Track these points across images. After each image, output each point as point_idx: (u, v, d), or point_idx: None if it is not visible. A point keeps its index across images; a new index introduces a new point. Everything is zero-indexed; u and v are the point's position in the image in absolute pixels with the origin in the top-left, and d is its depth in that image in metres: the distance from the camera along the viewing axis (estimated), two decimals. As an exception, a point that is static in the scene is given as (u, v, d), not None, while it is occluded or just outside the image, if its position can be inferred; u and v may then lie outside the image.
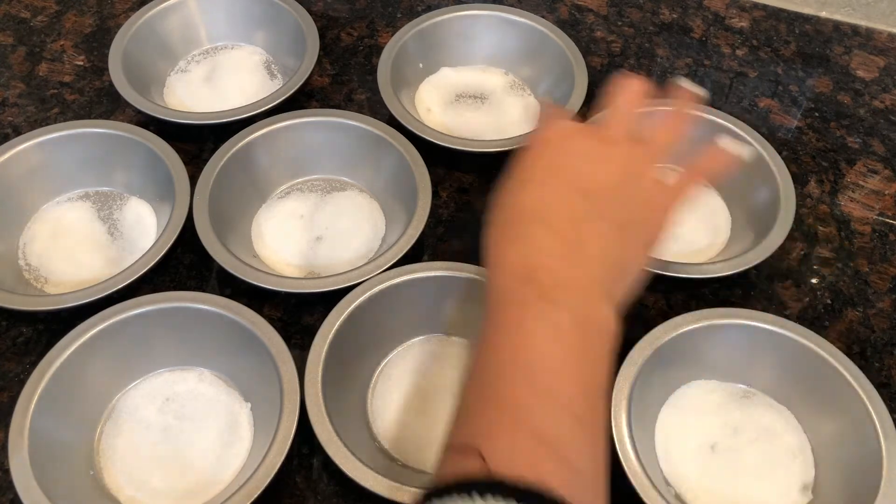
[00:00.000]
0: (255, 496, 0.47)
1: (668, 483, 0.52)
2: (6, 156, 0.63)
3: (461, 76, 0.76)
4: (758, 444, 0.53)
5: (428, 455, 0.53)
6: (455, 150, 0.65)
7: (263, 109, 0.67)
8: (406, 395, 0.55)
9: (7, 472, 0.48)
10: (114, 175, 0.67)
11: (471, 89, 0.75)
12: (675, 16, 0.82)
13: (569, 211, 0.42)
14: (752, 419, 0.55)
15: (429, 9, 0.81)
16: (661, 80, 0.76)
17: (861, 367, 0.52)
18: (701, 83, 0.76)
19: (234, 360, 0.56)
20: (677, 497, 0.52)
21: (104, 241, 0.64)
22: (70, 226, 0.64)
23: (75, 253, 0.63)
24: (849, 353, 0.54)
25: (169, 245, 0.59)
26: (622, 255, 0.43)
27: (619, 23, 0.81)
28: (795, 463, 0.53)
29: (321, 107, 0.72)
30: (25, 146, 0.64)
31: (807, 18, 0.82)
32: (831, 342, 0.54)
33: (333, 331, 0.53)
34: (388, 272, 0.56)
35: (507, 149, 0.62)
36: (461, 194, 0.68)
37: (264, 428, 0.53)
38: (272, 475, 0.48)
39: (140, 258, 0.59)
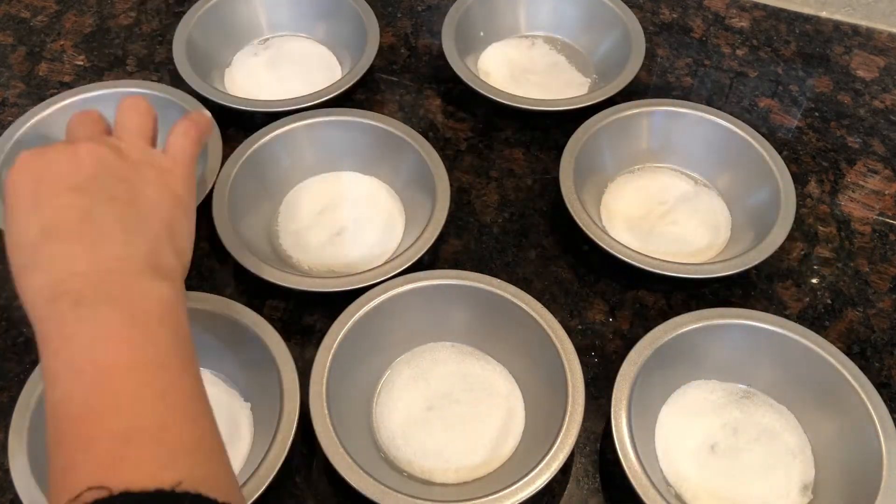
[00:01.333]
0: (256, 496, 0.47)
1: (668, 483, 0.52)
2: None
3: (510, 53, 0.78)
4: (758, 444, 0.53)
5: (432, 464, 0.53)
6: (530, 110, 0.69)
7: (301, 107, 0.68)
8: (410, 403, 0.55)
9: (7, 472, 0.48)
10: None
11: (522, 66, 0.77)
12: (675, 16, 0.82)
13: (73, 213, 0.41)
14: (752, 419, 0.55)
15: (429, 9, 0.81)
16: (660, 79, 0.76)
17: (861, 367, 0.52)
18: (701, 83, 0.76)
19: (234, 360, 0.55)
20: (677, 497, 0.52)
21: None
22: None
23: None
24: (849, 353, 0.54)
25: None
26: (152, 224, 0.43)
27: (619, 23, 0.81)
28: (795, 463, 0.53)
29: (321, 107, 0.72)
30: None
31: (807, 18, 0.82)
32: (831, 342, 0.54)
33: (339, 338, 0.53)
34: (393, 280, 0.56)
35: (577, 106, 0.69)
36: (461, 194, 0.68)
37: (264, 428, 0.53)
38: (272, 475, 0.48)
39: (140, 258, 0.59)
